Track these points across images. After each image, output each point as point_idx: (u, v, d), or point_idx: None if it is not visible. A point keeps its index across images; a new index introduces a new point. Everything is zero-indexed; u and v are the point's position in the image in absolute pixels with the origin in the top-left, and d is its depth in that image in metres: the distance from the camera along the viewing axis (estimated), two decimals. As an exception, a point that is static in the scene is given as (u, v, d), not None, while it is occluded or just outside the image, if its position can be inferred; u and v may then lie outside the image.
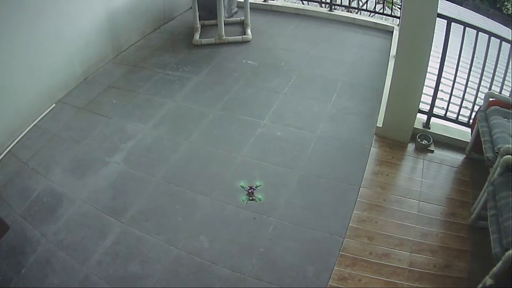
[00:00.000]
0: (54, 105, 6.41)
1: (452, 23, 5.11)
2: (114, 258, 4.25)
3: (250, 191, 4.91)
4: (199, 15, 8.12)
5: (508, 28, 13.48)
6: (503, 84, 5.35)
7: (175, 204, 4.79)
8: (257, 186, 4.99)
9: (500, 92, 5.32)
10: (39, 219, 4.72)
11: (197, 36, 8.03)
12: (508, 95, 5.40)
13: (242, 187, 4.98)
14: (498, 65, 5.21)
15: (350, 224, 4.49)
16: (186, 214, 4.67)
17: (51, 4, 6.01)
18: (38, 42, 5.94)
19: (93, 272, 4.13)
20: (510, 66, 5.17)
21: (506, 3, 21.31)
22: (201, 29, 8.29)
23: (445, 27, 5.09)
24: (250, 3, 8.27)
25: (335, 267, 4.08)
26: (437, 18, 4.74)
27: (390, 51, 7.52)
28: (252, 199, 4.84)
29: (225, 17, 8.40)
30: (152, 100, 6.46)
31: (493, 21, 14.88)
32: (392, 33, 8.19)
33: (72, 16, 6.47)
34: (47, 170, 5.33)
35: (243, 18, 8.40)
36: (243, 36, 8.06)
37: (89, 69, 7.09)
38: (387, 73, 6.67)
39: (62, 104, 6.49)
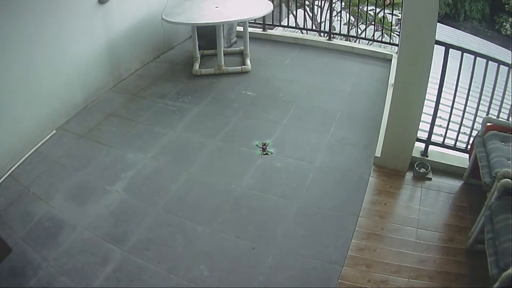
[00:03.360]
0: (55, 131, 6.45)
1: (450, 49, 5.15)
2: (115, 285, 4.27)
3: (263, 147, 5.92)
4: (198, 45, 8.17)
5: (507, 50, 13.54)
6: (500, 108, 5.40)
7: (175, 233, 4.80)
8: (268, 143, 6.06)
9: (498, 116, 5.38)
10: (41, 243, 4.73)
11: (196, 66, 8.07)
12: (506, 118, 5.44)
13: (257, 145, 6.02)
14: (496, 89, 5.26)
15: (348, 253, 4.50)
16: (187, 243, 4.68)
17: (52, 32, 6.09)
18: (39, 68, 6.01)
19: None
20: (508, 89, 5.23)
21: (504, 23, 21.37)
22: (200, 58, 8.33)
23: (443, 53, 5.14)
24: (249, 32, 8.33)
25: (334, 296, 4.10)
26: (435, 45, 4.80)
27: (388, 79, 7.56)
28: (266, 153, 5.91)
29: (225, 47, 8.44)
30: (152, 130, 6.49)
31: (492, 43, 14.92)
32: (391, 61, 8.21)
33: (73, 44, 6.54)
34: (48, 196, 5.35)
35: (243, 48, 8.45)
36: (243, 66, 8.10)
37: (89, 97, 7.15)
38: (386, 102, 6.69)
39: (63, 130, 6.53)
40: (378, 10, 9.87)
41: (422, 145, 5.76)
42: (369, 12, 10.38)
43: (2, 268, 4.42)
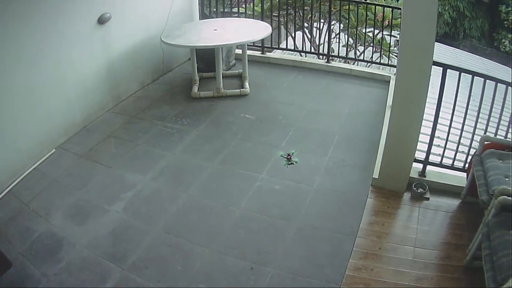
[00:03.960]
0: (54, 150, 6.48)
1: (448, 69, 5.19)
2: (115, 303, 4.26)
3: (288, 157, 6.04)
4: (197, 67, 8.20)
5: (506, 67, 13.57)
6: (498, 125, 5.44)
7: (174, 253, 4.80)
8: (293, 153, 6.20)
9: (496, 134, 5.42)
10: (40, 259, 4.74)
11: (195, 88, 8.11)
12: (503, 136, 5.47)
13: (282, 156, 6.18)
14: (494, 107, 5.29)
15: (346, 273, 4.51)
16: (186, 263, 4.69)
17: (53, 50, 6.15)
18: (39, 87, 6.06)
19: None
20: (505, 107, 5.26)
21: (503, 40, 21.41)
22: (199, 81, 8.36)
23: (441, 73, 5.18)
24: (248, 55, 8.38)
25: (332, 315, 4.11)
26: (433, 66, 4.83)
27: (386, 101, 7.60)
28: (291, 163, 6.04)
29: (223, 70, 8.49)
30: (151, 152, 6.51)
31: (490, 61, 14.96)
32: (389, 83, 8.28)
33: (73, 63, 6.59)
34: (48, 213, 5.37)
35: (241, 70, 8.48)
36: (241, 89, 8.14)
37: (89, 117, 7.18)
38: (384, 124, 6.72)
39: (62, 149, 6.55)
40: (376, 31, 9.93)
41: (420, 166, 5.78)
42: (367, 34, 10.42)
43: (1, 283, 4.43)
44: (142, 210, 5.43)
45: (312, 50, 10.81)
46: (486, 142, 5.02)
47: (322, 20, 10.86)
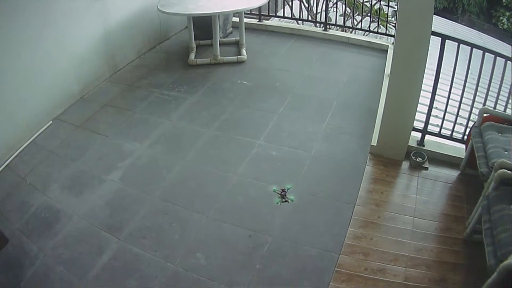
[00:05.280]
0: (51, 122, 6.44)
1: (447, 40, 5.15)
2: (112, 273, 4.26)
3: (282, 193, 5.07)
4: (194, 35, 8.15)
5: (503, 43, 13.52)
6: (497, 99, 5.41)
7: (171, 222, 4.80)
8: (288, 189, 5.15)
9: (495, 108, 5.37)
10: (37, 233, 4.72)
11: (192, 56, 8.07)
12: (502, 109, 5.44)
13: (275, 191, 5.14)
14: (493, 81, 5.25)
15: (345, 241, 4.51)
16: (183, 232, 4.68)
17: (48, 21, 6.07)
18: (35, 58, 6.00)
19: (90, 287, 4.15)
20: (504, 81, 5.22)
21: (501, 17, 21.33)
22: (196, 48, 8.31)
23: (439, 44, 5.14)
24: (245, 23, 8.32)
25: (331, 283, 4.09)
26: (432, 36, 4.79)
27: (384, 70, 7.57)
28: (285, 201, 5.02)
29: (220, 37, 8.45)
30: (148, 120, 6.49)
31: (488, 36, 14.89)
32: (387, 52, 8.24)
33: (69, 34, 6.53)
34: (45, 186, 5.35)
35: (238, 38, 8.44)
36: (238, 56, 8.10)
37: (85, 87, 7.14)
38: (382, 92, 6.71)
39: (59, 121, 6.51)
40: (374, 1, 9.87)
41: (419, 135, 5.77)
42: (365, 3, 10.35)
43: (-1, 259, 4.42)
44: (139, 178, 5.42)
45: (309, 19, 10.75)
46: (485, 114, 4.99)
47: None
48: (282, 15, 10.47)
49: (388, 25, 9.52)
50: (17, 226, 4.82)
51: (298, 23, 10.53)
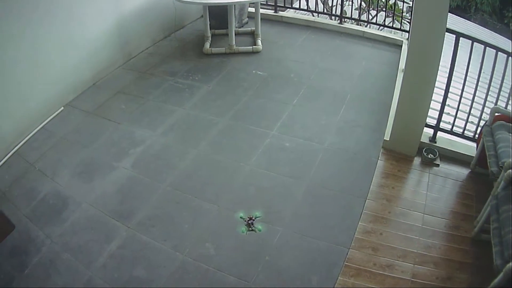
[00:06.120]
0: (62, 108, 6.45)
1: (461, 38, 5.14)
2: (119, 262, 4.28)
3: (249, 222, 4.75)
4: (210, 24, 8.14)
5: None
6: (509, 99, 5.37)
7: (182, 211, 4.81)
8: (257, 217, 4.80)
9: (506, 107, 5.35)
10: (44, 220, 4.75)
11: (207, 45, 8.06)
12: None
13: (242, 218, 4.80)
14: (505, 80, 5.23)
15: (355, 235, 4.51)
16: (193, 221, 4.70)
17: (62, 8, 6.08)
18: (48, 44, 6.01)
19: (97, 275, 4.16)
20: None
21: (513, 19, 21.25)
22: (211, 38, 8.30)
23: (454, 42, 5.12)
24: (261, 13, 8.30)
25: (339, 277, 4.10)
26: (446, 33, 4.78)
27: (398, 64, 7.53)
28: (252, 230, 4.67)
29: (236, 27, 8.44)
30: (162, 107, 6.49)
31: (501, 36, 14.82)
32: (401, 47, 8.18)
33: (83, 21, 6.54)
34: (54, 173, 5.37)
35: (254, 28, 8.44)
36: (253, 46, 8.09)
37: (98, 74, 7.14)
38: (395, 87, 6.69)
39: (71, 107, 6.53)
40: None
41: (431, 131, 5.75)
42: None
43: (4, 246, 4.45)
44: (151, 166, 5.43)
45: (325, 11, 10.73)
46: (496, 114, 4.97)
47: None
48: (298, 6, 10.46)
49: (402, 20, 9.47)
50: (24, 212, 4.85)
51: (313, 15, 10.51)
